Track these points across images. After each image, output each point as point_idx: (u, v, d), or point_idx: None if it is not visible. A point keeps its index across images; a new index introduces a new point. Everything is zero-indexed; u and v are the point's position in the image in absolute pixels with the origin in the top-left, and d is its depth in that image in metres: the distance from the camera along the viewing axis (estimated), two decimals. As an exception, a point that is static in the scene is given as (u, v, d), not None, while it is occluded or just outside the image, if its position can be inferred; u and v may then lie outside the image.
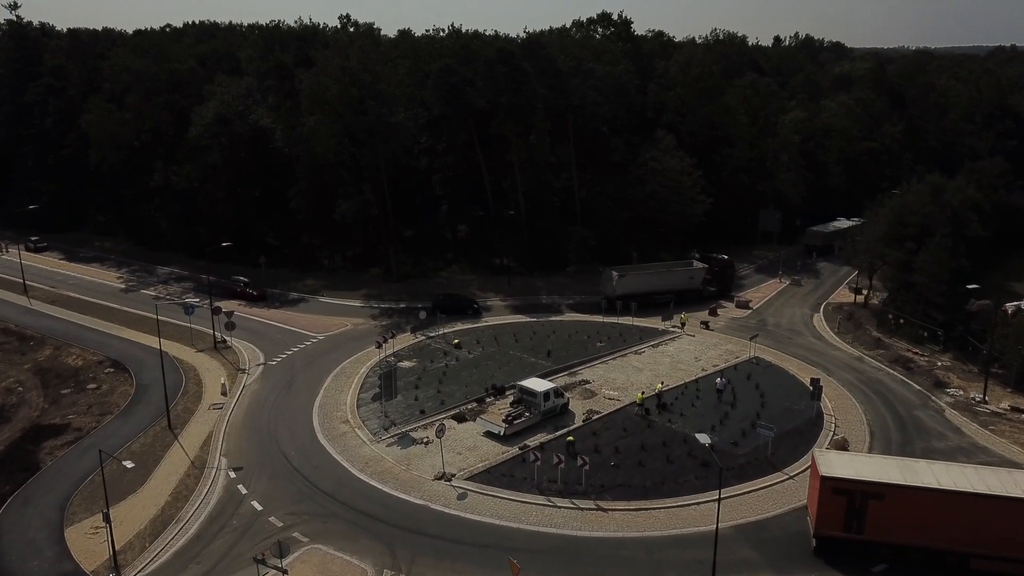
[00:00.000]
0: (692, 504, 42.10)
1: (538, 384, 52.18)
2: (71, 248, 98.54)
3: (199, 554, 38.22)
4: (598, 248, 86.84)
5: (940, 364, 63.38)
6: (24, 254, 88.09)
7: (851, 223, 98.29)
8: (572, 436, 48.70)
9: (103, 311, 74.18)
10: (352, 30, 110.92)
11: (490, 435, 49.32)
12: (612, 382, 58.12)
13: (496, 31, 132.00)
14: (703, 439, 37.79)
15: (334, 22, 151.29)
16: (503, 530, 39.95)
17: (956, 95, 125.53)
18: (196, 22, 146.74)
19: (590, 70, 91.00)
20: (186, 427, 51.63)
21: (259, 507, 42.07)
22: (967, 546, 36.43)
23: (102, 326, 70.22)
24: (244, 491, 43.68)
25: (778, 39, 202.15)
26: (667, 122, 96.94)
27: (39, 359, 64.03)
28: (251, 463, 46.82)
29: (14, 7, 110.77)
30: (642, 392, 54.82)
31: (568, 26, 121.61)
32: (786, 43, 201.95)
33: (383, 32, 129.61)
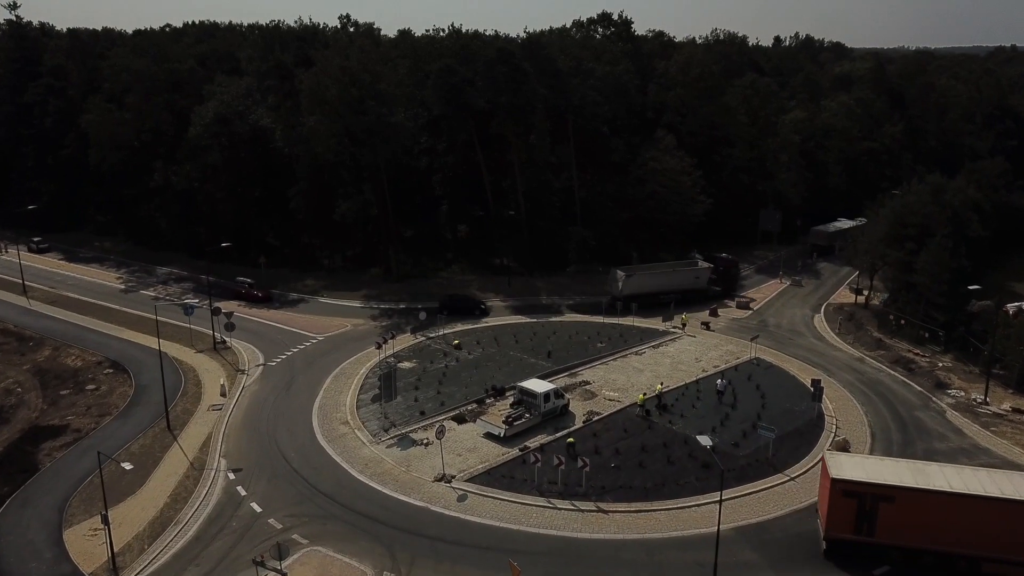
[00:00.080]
0: (693, 506, 42.02)
1: (538, 385, 52.08)
2: (70, 248, 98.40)
3: (198, 556, 38.12)
4: (598, 248, 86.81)
5: (941, 365, 63.27)
6: (24, 254, 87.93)
7: (854, 223, 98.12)
8: (572, 437, 48.61)
9: (102, 312, 74.07)
10: (352, 30, 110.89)
11: (490, 436, 49.22)
12: (612, 383, 58.01)
13: (496, 31, 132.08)
14: (704, 441, 37.69)
15: (334, 22, 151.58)
16: (503, 532, 39.86)
17: (956, 95, 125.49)
18: (196, 22, 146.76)
19: (590, 70, 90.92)
20: (185, 428, 51.52)
21: (258, 509, 41.98)
22: (979, 550, 36.24)
23: (101, 327, 70.11)
24: (243, 493, 43.58)
25: (778, 39, 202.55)
26: (667, 122, 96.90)
27: (38, 360, 63.93)
28: (250, 465, 46.71)
29: (14, 7, 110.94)
30: (644, 393, 54.73)
31: (568, 26, 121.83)
32: (786, 43, 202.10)
33: (383, 32, 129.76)
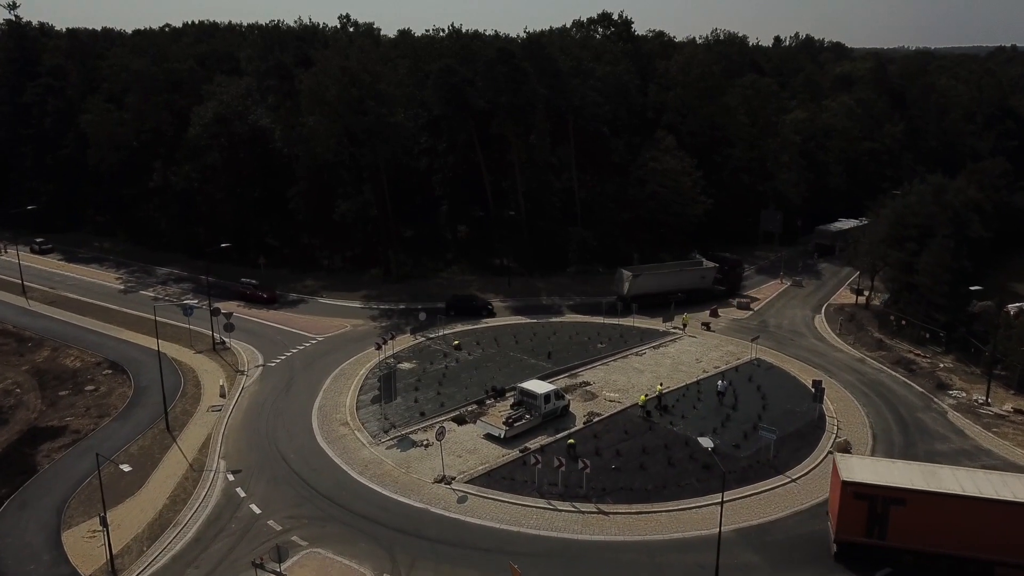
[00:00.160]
0: (694, 507, 41.86)
1: (538, 386, 51.91)
2: (70, 248, 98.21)
3: (197, 558, 37.96)
4: (598, 249, 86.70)
5: (942, 366, 63.13)
6: (26, 255, 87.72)
7: (857, 223, 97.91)
8: (573, 438, 48.44)
9: (102, 312, 73.88)
10: (352, 30, 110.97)
11: (490, 438, 49.06)
12: (613, 384, 57.85)
13: (496, 31, 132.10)
14: (705, 442, 37.51)
15: (334, 22, 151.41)
16: (503, 534, 39.71)
17: (957, 95, 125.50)
18: (195, 22, 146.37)
19: (590, 70, 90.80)
20: (184, 429, 51.35)
21: (258, 510, 41.82)
22: (991, 553, 35.95)
23: (100, 327, 69.92)
24: (243, 494, 43.42)
25: (778, 39, 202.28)
26: (667, 122, 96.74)
27: (37, 360, 63.75)
28: (250, 466, 46.55)
29: (13, 7, 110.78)
30: (645, 394, 54.59)
31: (568, 26, 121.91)
32: (786, 43, 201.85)
33: (383, 32, 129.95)
